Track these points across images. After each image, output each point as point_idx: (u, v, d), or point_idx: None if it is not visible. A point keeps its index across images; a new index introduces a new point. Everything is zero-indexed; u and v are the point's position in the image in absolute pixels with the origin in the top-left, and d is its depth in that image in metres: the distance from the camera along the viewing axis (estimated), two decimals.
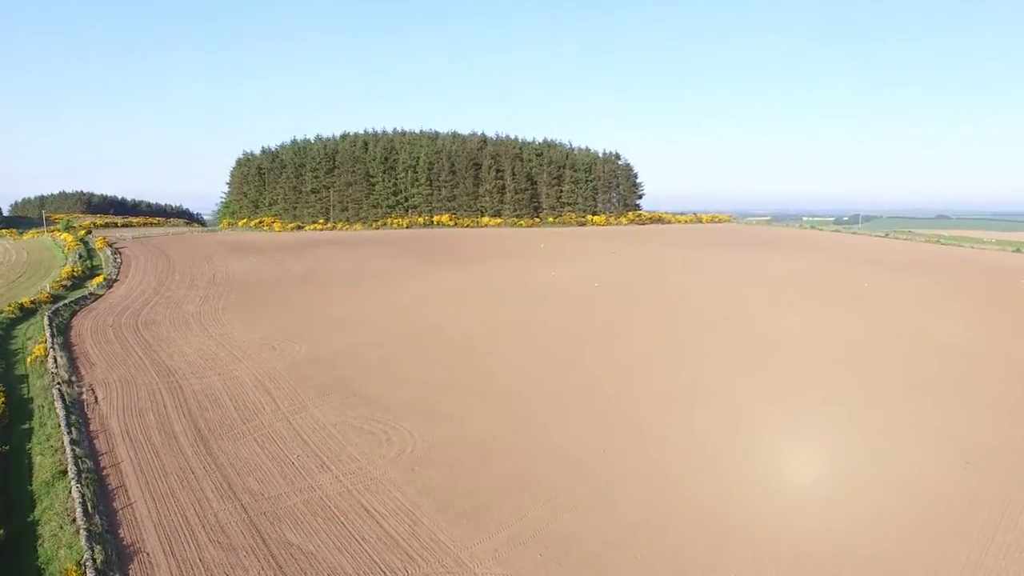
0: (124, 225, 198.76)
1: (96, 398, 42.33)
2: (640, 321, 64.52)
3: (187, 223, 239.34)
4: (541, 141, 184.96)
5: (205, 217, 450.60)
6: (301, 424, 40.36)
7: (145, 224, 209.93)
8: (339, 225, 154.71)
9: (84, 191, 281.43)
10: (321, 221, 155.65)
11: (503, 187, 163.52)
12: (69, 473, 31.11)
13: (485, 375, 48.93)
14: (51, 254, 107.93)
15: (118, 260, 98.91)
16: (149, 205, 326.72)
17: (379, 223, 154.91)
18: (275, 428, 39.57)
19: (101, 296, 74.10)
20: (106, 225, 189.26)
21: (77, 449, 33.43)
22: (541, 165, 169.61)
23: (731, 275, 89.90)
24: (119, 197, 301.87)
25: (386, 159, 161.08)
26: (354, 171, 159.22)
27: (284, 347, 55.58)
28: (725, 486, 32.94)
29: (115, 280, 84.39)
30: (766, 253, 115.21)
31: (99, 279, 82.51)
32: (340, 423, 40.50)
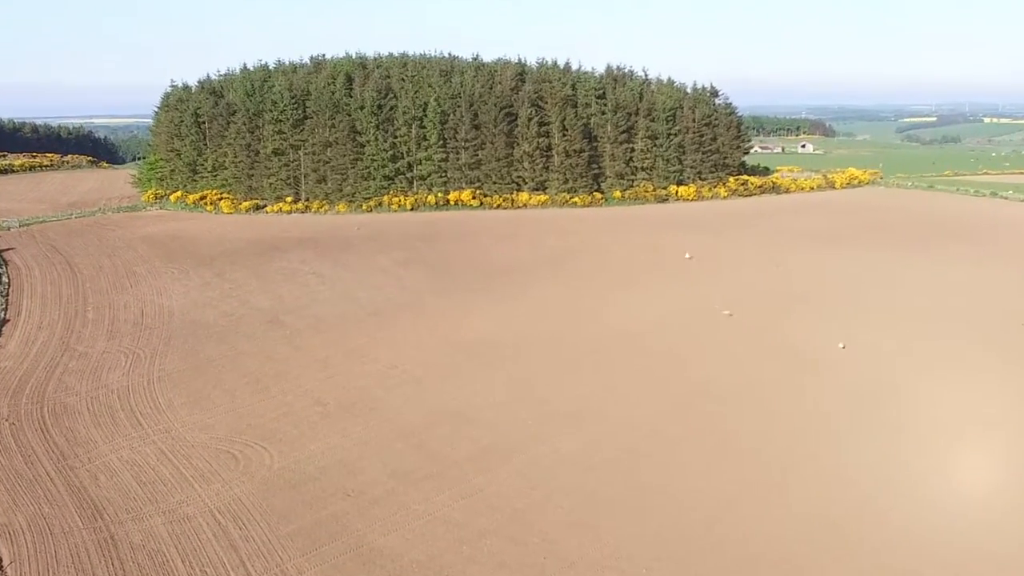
0: (3, 171, 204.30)
1: (0, 564, 44.51)
2: (766, 406, 64.94)
3: (92, 162, 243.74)
4: (603, 72, 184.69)
5: (117, 140, 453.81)
6: None
7: (32, 167, 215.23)
8: (314, 205, 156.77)
9: None
10: (289, 199, 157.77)
11: (549, 147, 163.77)
12: None
13: (532, 512, 49.95)
14: None
15: (4, 280, 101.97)
16: (36, 130, 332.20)
17: (372, 202, 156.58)
18: None
19: None
20: None
21: None
22: (604, 113, 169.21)
23: (880, 302, 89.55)
24: None
25: (380, 106, 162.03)
26: (334, 124, 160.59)
27: (249, 454, 57.41)
28: None
29: (4, 320, 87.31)
30: (924, 253, 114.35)
31: None
32: None
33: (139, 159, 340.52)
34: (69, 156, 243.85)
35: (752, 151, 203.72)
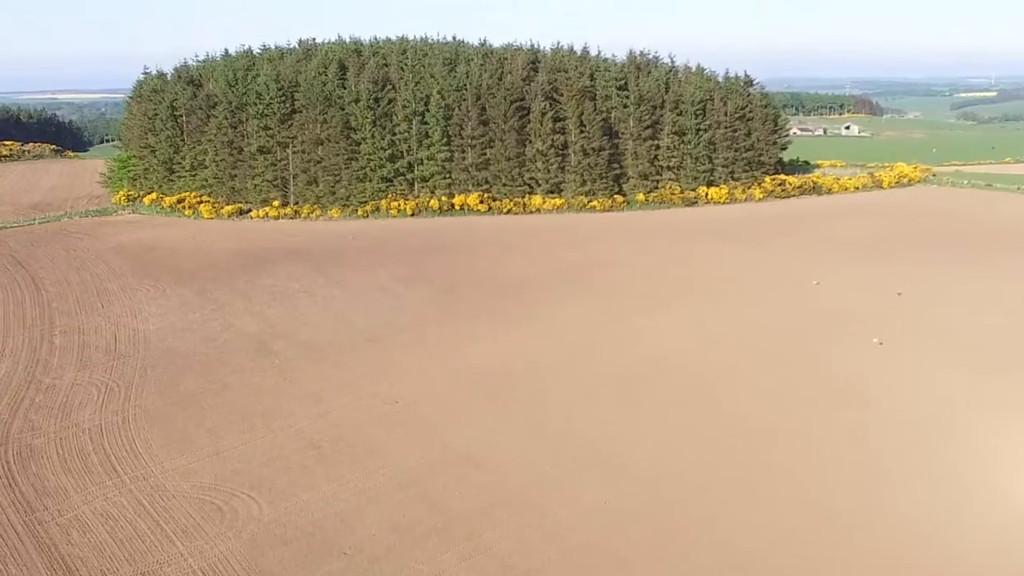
0: None
1: None
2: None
3: (56, 151, 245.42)
4: (624, 60, 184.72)
5: (83, 120, 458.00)
6: None
7: None
8: (304, 210, 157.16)
9: None
10: (276, 202, 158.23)
11: (565, 144, 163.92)
12: None
13: (549, 573, 49.74)
14: None
15: None
16: None
17: (368, 207, 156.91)
18: None
19: None
20: None
21: None
22: (626, 106, 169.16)
23: (934, 325, 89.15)
24: None
25: (377, 99, 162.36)
26: (326, 119, 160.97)
27: (235, 505, 57.40)
28: None
29: None
30: (984, 266, 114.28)
31: None
32: None
33: (107, 141, 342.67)
34: (30, 144, 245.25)
35: (790, 134, 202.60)
